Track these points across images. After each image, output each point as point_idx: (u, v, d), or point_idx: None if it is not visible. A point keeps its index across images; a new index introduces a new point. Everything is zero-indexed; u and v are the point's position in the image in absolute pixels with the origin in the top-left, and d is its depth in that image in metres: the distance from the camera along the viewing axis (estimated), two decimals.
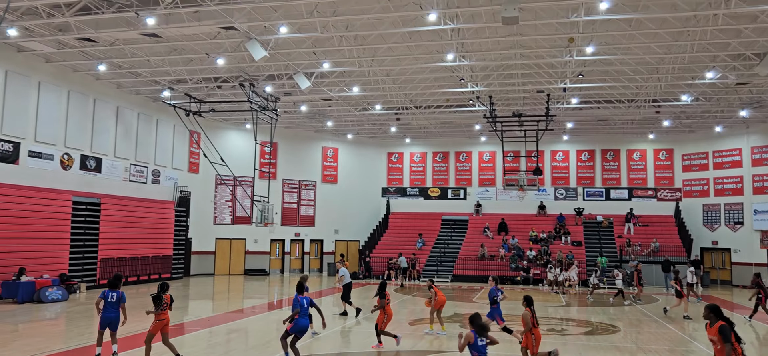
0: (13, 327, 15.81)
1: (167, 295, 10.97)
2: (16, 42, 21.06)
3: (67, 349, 12.59)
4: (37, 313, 18.19)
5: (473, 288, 29.46)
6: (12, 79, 22.28)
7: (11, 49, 21.97)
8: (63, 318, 17.61)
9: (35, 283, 20.96)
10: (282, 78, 25.78)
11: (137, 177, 29.16)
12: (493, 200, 39.73)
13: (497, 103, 29.74)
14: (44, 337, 13.97)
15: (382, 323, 13.35)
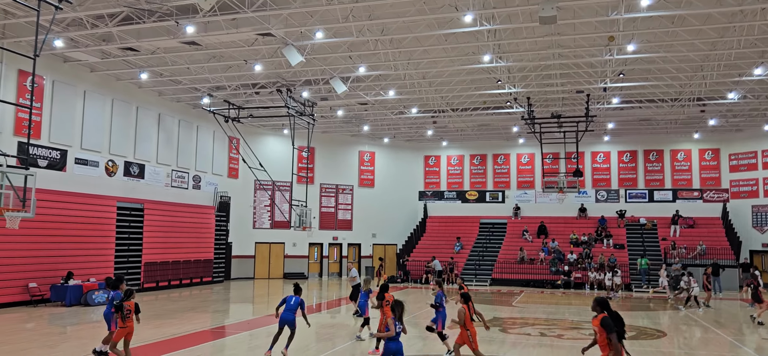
0: (61, 329, 16.28)
1: (131, 303, 10.85)
2: (62, 53, 21.73)
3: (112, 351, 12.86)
4: (84, 316, 18.69)
5: (513, 292, 29.08)
6: (59, 88, 23.01)
7: (58, 59, 22.69)
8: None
9: (82, 286, 21.55)
10: (318, 83, 25.96)
11: (179, 183, 29.76)
12: (532, 202, 39.20)
13: (535, 104, 29.35)
14: (91, 339, 14.31)
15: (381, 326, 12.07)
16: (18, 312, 18.73)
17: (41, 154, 22.21)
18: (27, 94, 20.96)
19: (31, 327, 15.45)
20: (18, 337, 14.11)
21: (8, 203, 14.17)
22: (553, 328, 17.24)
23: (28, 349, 12.49)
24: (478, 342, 10.78)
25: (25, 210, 14.22)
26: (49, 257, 21.54)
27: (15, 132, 21.05)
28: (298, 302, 12.32)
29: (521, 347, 14.03)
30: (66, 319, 17.96)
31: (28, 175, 14.44)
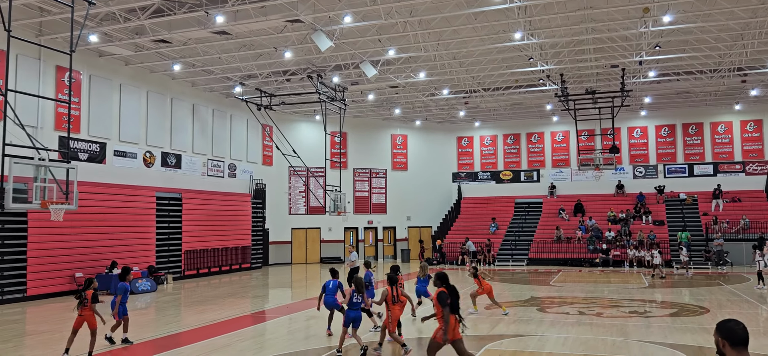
0: (107, 317, 16.76)
1: (89, 292, 10.96)
2: (97, 47, 22.19)
3: (157, 337, 13.22)
4: (129, 303, 19.16)
5: (550, 271, 28.83)
6: (95, 82, 23.54)
7: (93, 54, 23.18)
8: (153, 307, 18.51)
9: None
10: (349, 68, 25.97)
11: (215, 172, 30.23)
12: (567, 181, 38.68)
13: (569, 81, 28.86)
14: (136, 326, 14.71)
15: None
16: (66, 301, 19.35)
17: (81, 147, 22.79)
18: (65, 89, 21.49)
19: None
20: (68, 325, 14.57)
21: (52, 197, 14.59)
22: (591, 307, 17.04)
23: (77, 336, 12.90)
24: (395, 326, 11.14)
25: (69, 203, 14.62)
26: (93, 247, 22.17)
27: (55, 127, 21.64)
28: (336, 285, 12.76)
29: (560, 326, 13.91)
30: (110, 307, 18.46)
31: (69, 168, 14.82)
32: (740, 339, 3.46)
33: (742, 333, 3.48)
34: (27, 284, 19.79)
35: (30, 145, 15.35)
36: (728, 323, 3.54)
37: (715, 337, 3.59)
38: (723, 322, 3.58)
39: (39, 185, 14.20)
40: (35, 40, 19.58)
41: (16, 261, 19.66)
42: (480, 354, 11.01)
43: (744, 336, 3.47)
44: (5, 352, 11.68)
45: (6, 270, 19.29)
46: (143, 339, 12.96)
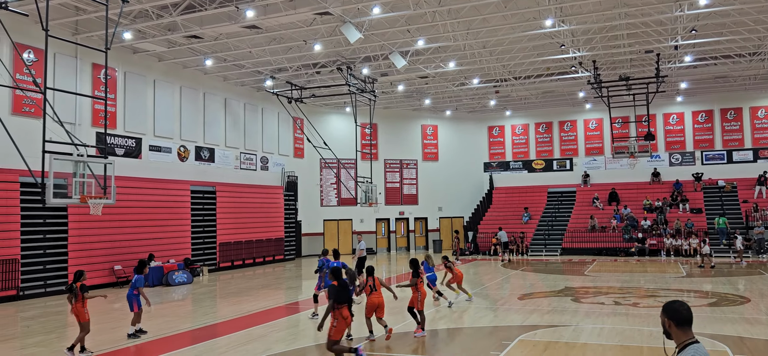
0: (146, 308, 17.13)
1: (78, 284, 10.90)
2: (131, 44, 22.59)
3: (195, 327, 13.47)
4: (166, 295, 19.61)
5: (584, 261, 28.47)
6: (130, 79, 23.99)
7: (127, 51, 23.62)
8: (189, 299, 18.86)
9: (163, 267, 22.61)
10: (378, 59, 25.95)
11: (247, 165, 30.58)
12: (601, 169, 38.07)
13: (602, 67, 28.35)
14: (174, 317, 15.03)
15: (418, 303, 12.14)
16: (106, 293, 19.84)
17: (118, 143, 23.28)
18: (101, 86, 21.95)
19: (118, 307, 16.34)
20: (109, 317, 14.96)
21: (91, 191, 14.96)
22: (627, 297, 16.79)
23: (117, 328, 13.25)
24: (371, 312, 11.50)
25: (107, 197, 14.97)
26: (131, 240, 22.66)
27: (93, 123, 22.14)
28: (341, 266, 13.09)
29: (595, 316, 13.74)
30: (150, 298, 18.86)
31: (107, 164, 15.17)
32: (684, 318, 3.62)
33: (687, 313, 3.63)
34: (68, 276, 20.34)
35: (69, 141, 15.75)
36: (674, 304, 3.68)
37: (662, 318, 3.73)
38: (669, 303, 3.71)
39: (78, 181, 14.57)
40: (72, 39, 20.05)
41: (57, 254, 20.23)
42: (513, 344, 10.95)
43: (688, 316, 3.61)
44: (49, 342, 12.04)
45: (48, 263, 19.86)
46: (181, 330, 13.22)
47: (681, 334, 3.63)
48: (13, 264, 18.57)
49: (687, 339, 3.56)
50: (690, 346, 3.52)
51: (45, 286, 19.55)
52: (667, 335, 3.71)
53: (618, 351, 10.40)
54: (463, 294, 16.52)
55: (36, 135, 16.19)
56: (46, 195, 13.78)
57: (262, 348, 11.30)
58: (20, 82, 19.06)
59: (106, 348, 11.35)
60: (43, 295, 19.23)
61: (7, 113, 18.75)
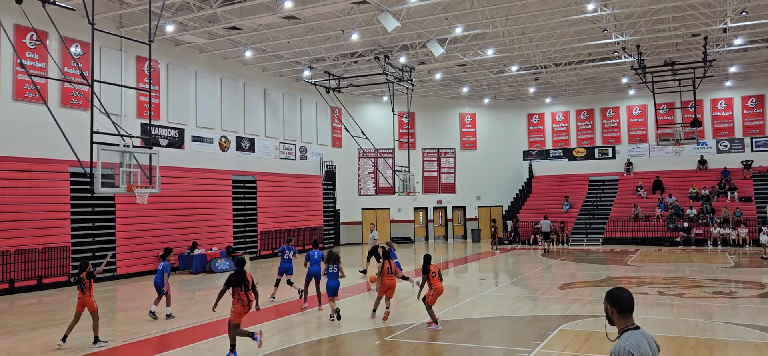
0: (190, 294, 17.59)
1: (84, 273, 10.74)
2: (173, 37, 23.04)
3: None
4: (209, 282, 20.04)
5: (627, 251, 27.93)
6: (173, 71, 24.48)
7: (170, 44, 24.09)
8: None
9: (206, 255, 23.11)
10: (415, 47, 25.85)
11: (286, 154, 30.93)
12: (645, 157, 37.19)
13: (646, 52, 27.63)
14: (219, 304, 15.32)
15: (430, 298, 11.68)
16: (152, 280, 20.41)
17: (162, 133, 23.81)
18: (145, 78, 22.45)
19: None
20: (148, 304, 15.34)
21: (137, 181, 15.35)
22: (672, 287, 16.42)
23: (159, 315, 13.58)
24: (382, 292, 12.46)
25: (152, 186, 15.35)
26: (175, 229, 23.21)
27: (138, 114, 22.70)
28: (320, 255, 13.96)
29: (639, 307, 13.38)
30: (194, 285, 19.35)
31: (152, 154, 15.54)
32: (626, 306, 3.76)
33: (628, 300, 3.76)
34: (116, 263, 20.97)
35: (115, 132, 16.19)
36: (616, 291, 3.81)
37: (605, 305, 3.86)
38: (612, 291, 3.84)
39: (124, 170, 14.96)
40: (116, 32, 20.54)
41: (106, 242, 20.87)
42: (554, 334, 10.84)
43: (630, 303, 3.76)
44: (99, 327, 12.43)
45: (97, 250, 20.49)
46: (224, 316, 13.48)
47: (622, 321, 3.77)
48: (64, 251, 19.23)
49: (627, 325, 3.72)
50: (628, 332, 3.68)
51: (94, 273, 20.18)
52: (609, 321, 3.85)
53: (662, 341, 10.18)
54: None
55: (84, 127, 16.68)
56: (94, 185, 14.20)
57: (303, 334, 11.46)
58: (68, 75, 19.66)
59: (152, 333, 11.68)
60: (96, 280, 19.84)
61: (56, 106, 19.36)
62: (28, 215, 18.42)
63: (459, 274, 21.97)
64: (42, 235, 18.68)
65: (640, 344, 3.61)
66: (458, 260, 26.72)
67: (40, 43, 18.94)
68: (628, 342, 3.60)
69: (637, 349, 3.56)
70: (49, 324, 13.21)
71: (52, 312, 15.05)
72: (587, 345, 10.04)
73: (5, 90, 18.48)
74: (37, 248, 18.43)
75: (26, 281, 18.05)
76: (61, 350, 10.45)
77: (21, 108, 18.82)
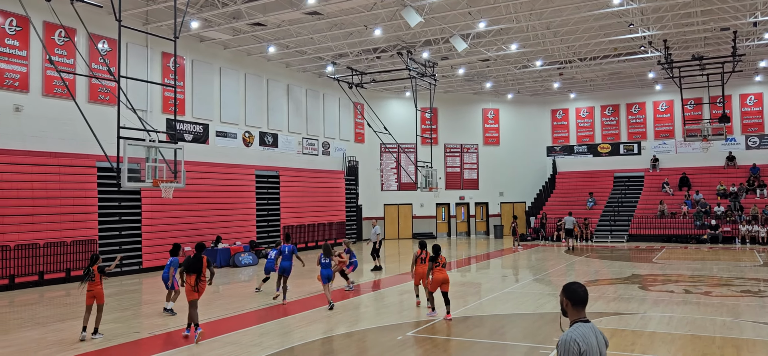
0: (214, 288, 17.76)
1: (95, 267, 11.04)
2: (198, 33, 23.27)
3: (259, 308, 13.87)
4: (233, 276, 20.26)
5: (652, 248, 27.56)
6: (198, 67, 24.74)
7: (194, 40, 24.34)
8: (255, 280, 19.38)
9: (230, 249, 23.34)
10: (438, 43, 25.76)
11: (309, 150, 31.09)
12: (671, 153, 36.61)
13: (673, 47, 27.19)
14: (241, 298, 15.51)
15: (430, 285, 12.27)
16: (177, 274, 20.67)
17: (186, 129, 24.09)
18: (171, 74, 22.73)
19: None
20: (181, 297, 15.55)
21: (162, 175, 15.56)
22: (699, 285, 16.17)
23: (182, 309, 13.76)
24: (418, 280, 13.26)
25: (177, 181, 15.55)
26: (199, 223, 23.48)
27: (163, 110, 22.99)
28: (291, 249, 14.61)
29: (664, 304, 13.31)
30: (218, 279, 19.55)
31: (177, 149, 15.73)
32: (580, 299, 3.94)
33: (582, 294, 3.94)
34: (142, 256, 21.30)
35: (141, 127, 16.42)
36: (572, 285, 3.99)
37: (561, 297, 4.04)
38: (568, 284, 4.01)
39: (150, 165, 15.18)
40: (142, 29, 20.82)
41: (132, 236, 21.21)
42: None
43: (584, 297, 3.94)
44: (125, 319, 12.67)
45: (124, 244, 20.85)
46: (248, 310, 13.64)
47: (575, 313, 3.94)
48: (91, 245, 19.58)
49: (578, 318, 3.91)
50: (578, 323, 3.87)
51: (121, 265, 20.54)
52: (563, 313, 4.03)
53: (688, 340, 10.05)
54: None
55: (111, 122, 16.97)
56: (121, 179, 14.44)
57: (325, 328, 11.53)
58: (96, 71, 19.98)
59: (178, 326, 11.85)
60: (119, 274, 20.21)
61: (84, 101, 19.70)
62: (57, 208, 18.79)
63: (481, 270, 21.89)
64: (70, 228, 19.05)
65: (587, 335, 3.79)
66: (480, 256, 26.62)
67: (69, 39, 19.27)
68: (576, 332, 3.80)
69: (582, 339, 3.75)
70: (78, 316, 13.47)
71: (80, 305, 15.33)
72: (611, 342, 9.93)
73: (35, 86, 18.86)
74: (66, 241, 18.79)
75: (55, 273, 18.42)
76: (85, 342, 10.64)
77: (50, 104, 19.19)
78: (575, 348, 3.71)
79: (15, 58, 18.27)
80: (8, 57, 18.09)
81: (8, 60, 18.09)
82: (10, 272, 17.29)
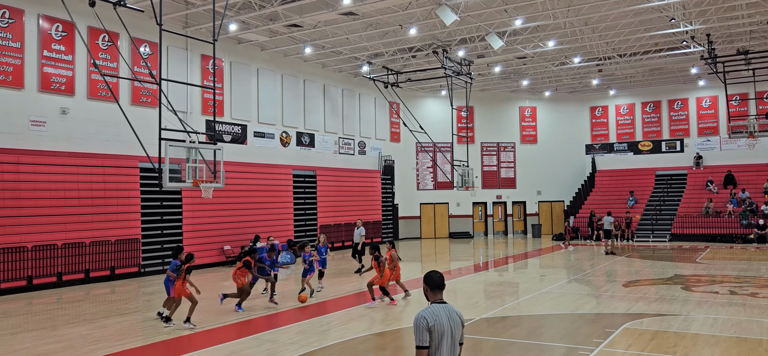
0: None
1: (186, 266, 11.62)
2: (236, 35, 23.63)
3: (297, 307, 14.01)
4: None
5: (696, 248, 26.86)
6: (235, 68, 25.13)
7: (232, 42, 24.73)
8: (292, 278, 19.61)
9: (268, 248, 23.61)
10: (474, 41, 25.60)
11: (345, 150, 31.27)
12: (716, 150, 35.61)
13: (717, 41, 26.44)
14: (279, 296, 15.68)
15: (378, 281, 13.87)
16: (217, 272, 21.08)
17: (225, 130, 24.50)
18: (210, 76, 23.15)
19: (228, 284, 17.27)
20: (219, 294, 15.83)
21: (202, 176, 15.87)
22: (744, 286, 15.70)
23: (227, 302, 14.01)
24: None
25: (217, 181, 15.84)
26: (238, 222, 23.87)
27: (203, 111, 23.43)
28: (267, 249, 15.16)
29: (708, 306, 12.97)
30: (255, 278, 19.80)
31: (216, 150, 16.02)
32: (436, 284, 4.57)
33: (438, 280, 4.58)
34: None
35: (182, 129, 16.77)
36: (430, 273, 4.61)
37: (423, 285, 4.65)
38: (427, 273, 4.64)
39: (191, 166, 15.49)
40: (182, 32, 21.26)
41: (173, 235, 21.68)
42: (618, 332, 10.56)
43: (439, 282, 4.56)
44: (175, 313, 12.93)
45: (165, 243, 21.33)
46: (287, 308, 13.81)
47: (433, 296, 4.55)
48: (135, 243, 20.10)
49: (435, 300, 4.52)
50: (433, 304, 4.49)
51: (163, 264, 21.02)
52: (426, 297, 4.62)
53: (733, 343, 9.78)
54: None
55: (152, 124, 17.36)
56: (162, 180, 14.78)
57: (364, 326, 11.59)
58: (138, 74, 20.49)
59: (220, 322, 12.07)
60: (161, 272, 20.68)
61: (127, 104, 20.22)
62: (102, 208, 19.33)
63: (519, 270, 21.69)
64: (114, 227, 19.58)
65: (437, 313, 4.40)
66: (518, 255, 26.37)
67: (112, 44, 19.81)
68: (427, 310, 4.43)
69: (431, 316, 4.37)
70: (122, 313, 13.86)
71: (125, 302, 15.77)
72: (652, 344, 9.74)
73: (80, 90, 19.44)
74: (110, 240, 19.33)
75: (100, 271, 18.97)
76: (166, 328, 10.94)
77: (95, 107, 19.75)
78: (424, 324, 4.33)
79: (61, 62, 18.88)
80: (55, 61, 18.70)
81: (55, 64, 18.69)
82: (58, 270, 17.87)
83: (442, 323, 4.34)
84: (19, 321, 13.28)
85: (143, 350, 10.21)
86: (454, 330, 4.39)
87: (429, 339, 4.32)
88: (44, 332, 11.71)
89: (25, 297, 16.33)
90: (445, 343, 4.33)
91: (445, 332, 4.34)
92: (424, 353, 4.32)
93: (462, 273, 20.58)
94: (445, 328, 4.34)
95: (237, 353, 9.74)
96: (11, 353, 10.00)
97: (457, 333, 4.40)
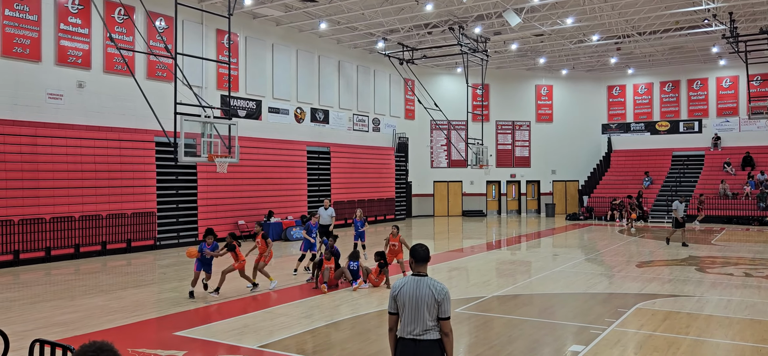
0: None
1: (235, 241, 12.50)
2: (251, 10, 23.58)
3: (310, 282, 14.13)
4: (285, 250, 20.67)
5: (712, 229, 26.64)
6: (251, 44, 25.11)
7: (248, 16, 24.68)
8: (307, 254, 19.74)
9: (282, 223, 23.82)
10: (491, 17, 25.32)
11: (360, 126, 31.24)
12: (735, 131, 35.10)
13: (739, 19, 25.93)
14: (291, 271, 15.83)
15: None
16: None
17: (240, 105, 24.56)
18: (225, 51, 23.15)
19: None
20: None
21: (217, 150, 15.97)
22: (760, 268, 15.57)
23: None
24: None
25: (231, 156, 15.93)
26: (252, 197, 24.04)
27: (217, 86, 23.48)
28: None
29: (722, 287, 12.89)
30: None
31: (231, 125, 16.10)
32: (421, 257, 4.82)
33: (423, 253, 4.82)
34: (198, 229, 21.97)
35: (197, 103, 16.84)
36: (415, 246, 4.86)
37: (410, 259, 4.93)
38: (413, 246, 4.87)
39: (206, 140, 15.59)
40: (198, 6, 21.24)
41: (188, 209, 21.89)
42: (630, 312, 10.54)
43: (424, 256, 4.82)
44: (183, 288, 13.12)
45: (181, 217, 21.55)
46: (302, 283, 13.93)
47: (416, 268, 4.82)
48: (150, 217, 20.33)
49: (418, 272, 4.79)
50: (410, 275, 4.79)
51: (178, 237, 21.26)
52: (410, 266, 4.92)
53: (747, 325, 9.73)
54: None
55: (168, 98, 17.46)
56: (178, 154, 14.89)
57: (376, 302, 11.67)
58: (154, 48, 20.55)
59: (236, 295, 12.22)
60: (176, 246, 20.94)
61: (143, 78, 20.31)
62: (118, 182, 19.53)
63: (532, 249, 21.66)
64: (130, 201, 19.80)
65: (404, 284, 4.73)
66: (530, 234, 26.32)
67: (128, 17, 19.85)
68: (399, 281, 4.81)
69: (398, 286, 4.76)
70: (138, 284, 14.07)
71: (141, 274, 15.99)
72: (665, 325, 9.71)
73: (96, 63, 19.55)
74: (127, 213, 19.56)
75: (116, 243, 19.22)
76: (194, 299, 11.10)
77: (111, 80, 19.87)
78: (391, 292, 4.79)
79: (78, 36, 18.97)
80: (71, 35, 18.79)
81: (71, 38, 18.79)
82: (75, 241, 18.14)
83: (405, 292, 4.70)
84: (39, 290, 13.53)
85: (159, 321, 10.37)
86: (418, 301, 4.64)
87: (395, 306, 4.75)
88: (62, 302, 11.92)
89: (44, 267, 16.62)
90: (406, 312, 4.67)
91: (407, 302, 4.67)
92: (391, 318, 4.81)
93: (474, 251, 20.59)
94: (407, 298, 4.67)
95: (250, 326, 9.86)
96: (31, 321, 10.21)
97: (422, 305, 4.62)
